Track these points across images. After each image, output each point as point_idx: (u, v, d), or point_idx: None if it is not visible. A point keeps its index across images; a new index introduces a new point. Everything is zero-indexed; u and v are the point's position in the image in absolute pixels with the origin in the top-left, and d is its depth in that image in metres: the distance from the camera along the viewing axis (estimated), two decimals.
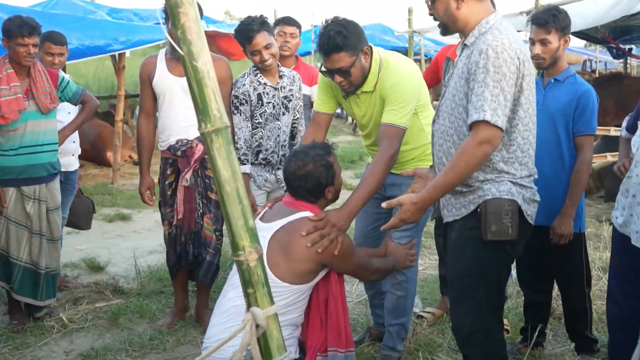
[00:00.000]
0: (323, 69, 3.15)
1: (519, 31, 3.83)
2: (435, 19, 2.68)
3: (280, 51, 4.23)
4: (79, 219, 4.85)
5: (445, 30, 2.68)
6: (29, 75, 3.93)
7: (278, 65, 3.96)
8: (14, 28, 3.80)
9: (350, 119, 15.42)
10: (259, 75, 3.87)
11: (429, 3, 2.67)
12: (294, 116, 4.04)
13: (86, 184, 8.32)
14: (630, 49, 14.87)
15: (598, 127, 3.60)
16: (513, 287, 4.37)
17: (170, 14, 1.81)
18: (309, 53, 16.83)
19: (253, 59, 3.83)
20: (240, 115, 3.83)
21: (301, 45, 4.74)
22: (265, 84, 3.87)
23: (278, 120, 3.92)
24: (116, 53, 7.85)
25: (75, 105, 4.44)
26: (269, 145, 3.92)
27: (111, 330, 4.05)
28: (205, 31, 8.26)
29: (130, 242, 5.96)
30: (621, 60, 15.24)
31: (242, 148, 3.83)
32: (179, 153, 3.86)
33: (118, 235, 6.32)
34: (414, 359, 3.52)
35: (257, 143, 3.87)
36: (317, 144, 3.05)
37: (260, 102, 3.84)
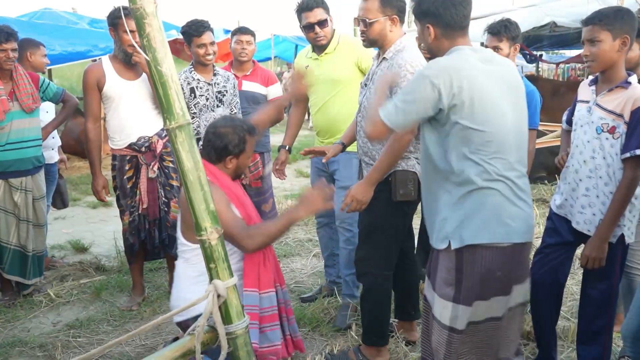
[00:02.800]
0: (306, 23, 3.56)
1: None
2: (362, 34, 2.93)
3: (239, 57, 4.40)
4: (55, 197, 4.76)
5: (371, 44, 2.97)
6: (12, 79, 3.83)
7: (214, 66, 4.07)
8: None
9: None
10: (193, 72, 3.96)
11: (366, 23, 2.87)
12: (231, 110, 4.05)
13: (72, 174, 8.15)
14: (541, 55, 15.24)
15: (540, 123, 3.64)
16: None
17: (136, 25, 1.79)
18: (269, 58, 16.75)
19: (197, 51, 3.88)
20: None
21: (261, 51, 4.82)
22: (198, 79, 3.94)
23: (213, 111, 3.95)
24: (97, 58, 7.75)
25: (57, 104, 4.36)
26: None
27: (94, 303, 3.99)
28: (176, 39, 8.14)
29: (112, 225, 5.85)
30: (534, 64, 15.60)
31: None
32: (143, 149, 3.77)
33: (101, 220, 6.20)
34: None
35: (195, 132, 3.82)
36: (249, 123, 2.88)
37: (193, 94, 3.92)
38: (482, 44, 3.62)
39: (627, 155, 2.46)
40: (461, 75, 2.08)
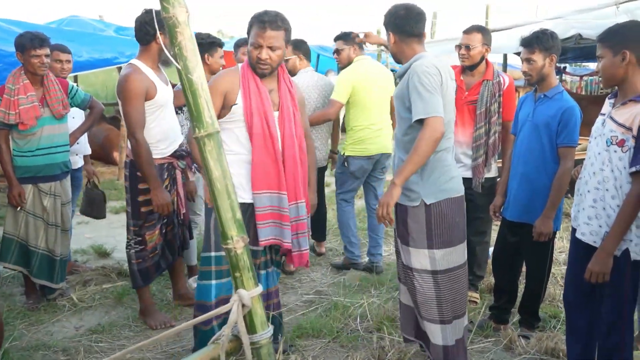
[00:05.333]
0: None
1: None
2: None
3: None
4: (93, 209, 4.75)
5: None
6: (43, 85, 3.87)
7: None
8: (26, 42, 3.74)
9: None
10: None
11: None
12: None
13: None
14: (565, 67, 15.09)
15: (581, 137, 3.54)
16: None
17: (168, 33, 1.80)
18: None
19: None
20: (184, 114, 4.23)
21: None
22: None
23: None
24: (122, 65, 7.83)
25: (84, 110, 4.39)
26: None
27: (116, 309, 4.02)
28: None
29: None
30: (558, 76, 15.45)
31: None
32: (184, 153, 3.75)
33: (123, 226, 6.15)
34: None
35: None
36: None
37: None
38: (518, 54, 3.61)
39: (634, 169, 2.44)
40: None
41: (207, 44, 4.24)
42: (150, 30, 3.47)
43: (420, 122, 2.74)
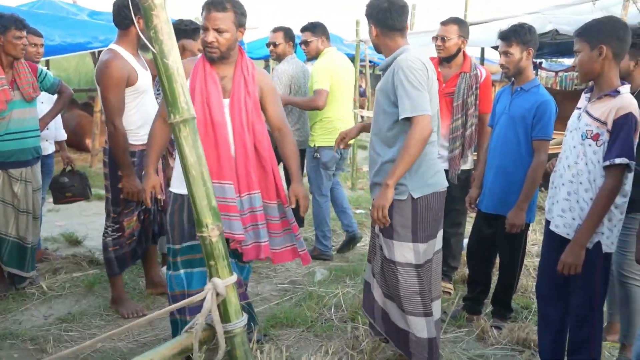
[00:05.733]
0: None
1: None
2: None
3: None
4: (85, 189, 4.69)
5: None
6: (12, 68, 3.78)
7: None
8: (8, 23, 3.65)
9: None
10: None
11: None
12: None
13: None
14: (541, 63, 15.26)
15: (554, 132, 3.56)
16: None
17: (144, 16, 1.76)
18: (268, 56, 16.71)
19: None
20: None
21: (260, 49, 5.08)
22: None
23: None
24: (95, 50, 7.69)
25: (53, 94, 4.30)
26: None
27: (87, 297, 3.96)
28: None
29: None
30: (533, 71, 15.60)
31: None
32: None
33: (95, 213, 6.15)
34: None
35: None
36: None
37: None
38: (497, 49, 3.61)
39: (608, 163, 2.49)
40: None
41: (191, 30, 4.17)
42: (128, 14, 3.40)
43: (407, 119, 2.72)
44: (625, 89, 2.55)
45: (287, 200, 3.01)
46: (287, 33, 4.90)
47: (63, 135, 4.79)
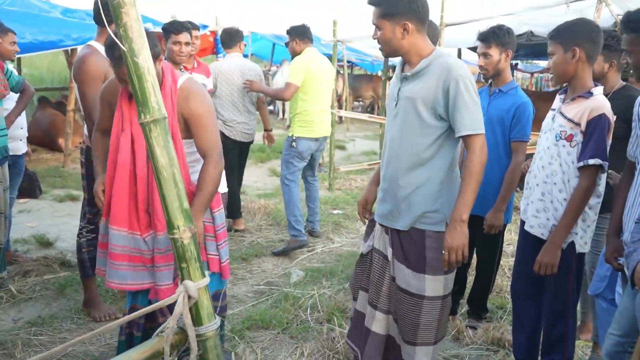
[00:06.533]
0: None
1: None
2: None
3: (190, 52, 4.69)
4: (35, 189, 4.63)
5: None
6: None
7: (180, 69, 4.27)
8: None
9: (282, 114, 15.36)
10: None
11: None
12: None
13: (39, 166, 7.95)
14: (517, 64, 15.44)
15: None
16: None
17: (113, 14, 1.73)
18: (246, 55, 16.64)
19: (172, 47, 4.11)
20: None
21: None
22: None
23: None
24: (69, 48, 7.57)
25: (17, 93, 4.23)
26: None
27: (58, 300, 3.88)
28: (154, 31, 8.04)
29: (79, 220, 5.73)
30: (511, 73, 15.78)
31: None
32: None
33: (67, 214, 6.05)
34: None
35: None
36: None
37: None
38: (474, 50, 3.63)
39: (582, 164, 2.52)
40: None
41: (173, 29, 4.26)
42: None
43: (459, 137, 2.42)
44: (598, 90, 2.59)
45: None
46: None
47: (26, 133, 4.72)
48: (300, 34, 5.18)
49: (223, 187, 3.42)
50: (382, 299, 2.65)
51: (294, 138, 5.11)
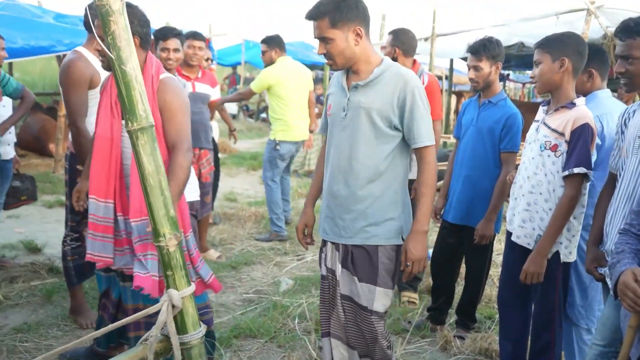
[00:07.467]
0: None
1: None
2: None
3: (190, 61, 4.79)
4: (35, 192, 4.64)
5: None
6: None
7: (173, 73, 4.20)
8: None
9: None
10: None
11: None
12: None
13: (28, 172, 7.87)
14: (508, 75, 15.56)
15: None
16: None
17: (102, 22, 1.74)
18: (239, 63, 16.66)
19: (160, 54, 4.04)
20: None
21: (232, 56, 5.59)
22: None
23: None
24: (61, 54, 7.55)
25: (15, 99, 4.21)
26: None
27: (45, 307, 3.86)
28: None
29: None
30: (501, 83, 15.89)
31: None
32: None
33: (56, 220, 6.01)
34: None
35: None
36: None
37: None
38: (465, 60, 3.66)
39: (567, 173, 2.54)
40: None
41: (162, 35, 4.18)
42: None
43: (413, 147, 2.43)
44: (581, 101, 2.62)
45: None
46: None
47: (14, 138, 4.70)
48: (279, 44, 5.64)
49: (195, 195, 3.40)
50: (333, 322, 2.60)
51: (277, 142, 5.59)
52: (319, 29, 2.32)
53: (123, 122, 2.61)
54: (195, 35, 4.80)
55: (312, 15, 2.34)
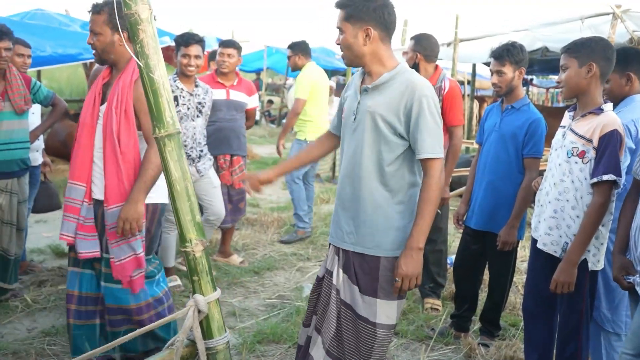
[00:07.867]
0: None
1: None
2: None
3: (220, 68, 4.79)
4: (51, 200, 4.70)
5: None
6: (5, 78, 3.76)
7: (195, 78, 4.29)
8: None
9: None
10: (177, 81, 4.19)
11: None
12: (206, 122, 4.42)
13: (56, 177, 8.03)
14: (532, 79, 15.41)
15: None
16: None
17: (130, 31, 1.77)
18: (261, 69, 16.78)
19: (181, 60, 4.12)
20: None
21: (254, 62, 5.65)
22: (182, 89, 4.18)
23: (193, 121, 4.23)
24: (87, 61, 7.69)
25: (47, 107, 4.29)
26: (186, 142, 4.20)
27: None
28: (169, 46, 8.15)
29: None
30: (524, 88, 15.78)
31: None
32: None
33: None
34: None
35: None
36: None
37: (175, 102, 4.03)
38: (488, 65, 3.63)
39: (595, 180, 2.50)
40: None
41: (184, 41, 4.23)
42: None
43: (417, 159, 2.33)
44: (609, 106, 2.58)
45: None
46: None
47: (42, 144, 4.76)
48: (303, 50, 5.78)
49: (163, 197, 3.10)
50: (327, 325, 2.49)
51: (308, 142, 5.62)
52: (338, 18, 2.34)
53: (102, 107, 2.84)
54: (225, 43, 4.82)
55: (337, 4, 2.37)
